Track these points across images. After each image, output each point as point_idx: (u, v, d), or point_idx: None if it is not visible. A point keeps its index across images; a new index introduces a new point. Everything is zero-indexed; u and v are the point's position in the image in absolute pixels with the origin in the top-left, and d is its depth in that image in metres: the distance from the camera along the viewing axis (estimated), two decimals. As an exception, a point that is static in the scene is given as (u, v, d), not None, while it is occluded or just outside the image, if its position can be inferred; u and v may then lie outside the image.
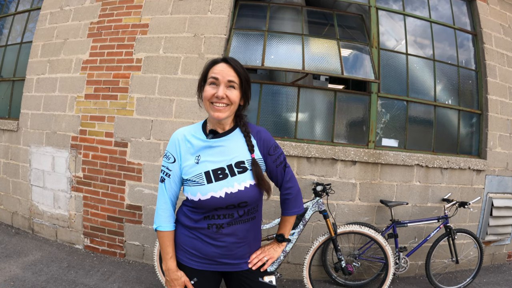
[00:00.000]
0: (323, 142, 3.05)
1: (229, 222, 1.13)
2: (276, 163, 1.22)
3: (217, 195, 1.09)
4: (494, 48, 3.53)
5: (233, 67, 1.10)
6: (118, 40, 3.17)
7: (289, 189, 1.25)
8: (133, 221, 3.04)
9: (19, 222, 3.56)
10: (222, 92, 1.08)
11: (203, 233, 1.14)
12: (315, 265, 2.94)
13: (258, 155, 1.18)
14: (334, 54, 3.01)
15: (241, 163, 1.13)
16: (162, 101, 3.01)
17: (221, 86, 1.08)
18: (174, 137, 1.19)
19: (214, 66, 1.12)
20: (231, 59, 1.12)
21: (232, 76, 1.09)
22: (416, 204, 3.14)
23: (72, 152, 3.23)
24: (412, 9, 3.49)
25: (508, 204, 3.44)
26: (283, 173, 1.24)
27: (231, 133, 1.17)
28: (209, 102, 1.10)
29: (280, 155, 1.24)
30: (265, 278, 1.23)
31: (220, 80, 1.08)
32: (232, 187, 1.10)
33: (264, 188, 1.14)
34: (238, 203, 1.11)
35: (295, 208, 1.27)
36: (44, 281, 2.50)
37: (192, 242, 1.16)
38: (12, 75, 3.87)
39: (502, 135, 3.49)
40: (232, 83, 1.10)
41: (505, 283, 3.08)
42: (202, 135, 1.17)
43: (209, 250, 1.14)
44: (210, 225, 1.13)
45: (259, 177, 1.13)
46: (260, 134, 1.21)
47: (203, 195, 1.09)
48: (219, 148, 1.14)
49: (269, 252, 1.27)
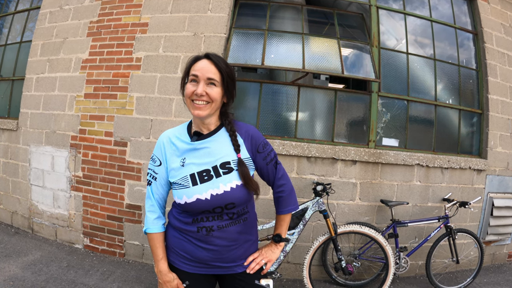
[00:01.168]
0: (323, 142, 3.05)
1: (219, 225, 1.10)
2: (266, 160, 1.18)
3: (203, 197, 1.07)
4: (495, 48, 3.52)
5: (215, 64, 1.07)
6: (117, 39, 3.16)
7: (282, 186, 1.22)
8: (132, 220, 3.03)
9: (19, 222, 3.55)
10: (201, 89, 1.05)
11: (193, 236, 1.12)
12: (315, 265, 2.93)
13: (246, 155, 1.15)
14: (334, 53, 3.00)
15: (226, 164, 1.10)
16: (161, 101, 3.00)
17: (201, 83, 1.05)
18: (159, 140, 1.18)
19: (196, 63, 1.08)
20: (213, 55, 1.09)
21: (212, 73, 1.06)
22: (417, 204, 3.13)
23: (72, 151, 3.22)
24: (412, 8, 3.48)
25: (508, 204, 3.43)
26: (274, 171, 1.21)
27: (216, 133, 1.14)
28: (189, 100, 1.08)
29: (270, 151, 1.20)
30: (261, 281, 1.19)
31: (199, 77, 1.06)
32: (218, 188, 1.07)
33: (252, 188, 1.11)
34: (225, 205, 1.08)
35: (290, 205, 1.24)
36: (44, 280, 2.49)
37: (183, 244, 1.14)
38: (12, 74, 3.86)
39: (503, 134, 3.48)
40: (213, 80, 1.06)
41: (505, 283, 3.08)
42: (187, 138, 1.14)
43: (200, 254, 1.12)
44: (200, 228, 1.10)
45: (245, 176, 1.09)
46: (248, 133, 1.17)
47: (189, 198, 1.07)
48: (204, 150, 1.12)
49: (266, 254, 1.24)
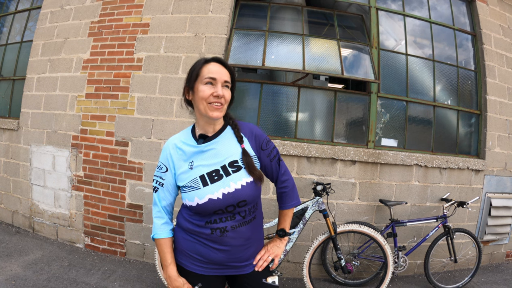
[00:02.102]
0: (323, 142, 3.07)
1: (233, 225, 1.13)
2: (270, 157, 1.23)
3: (215, 197, 1.09)
4: (493, 49, 3.55)
5: (227, 67, 1.14)
6: (118, 40, 3.17)
7: (285, 181, 1.27)
8: (133, 220, 3.05)
9: (20, 221, 3.56)
10: (221, 91, 1.09)
11: (207, 238, 1.13)
12: (315, 264, 2.96)
13: (251, 152, 1.19)
14: (334, 54, 3.02)
15: (234, 162, 1.14)
16: (163, 101, 3.02)
17: (218, 85, 1.10)
18: (165, 147, 1.21)
19: (206, 65, 1.12)
20: (221, 59, 1.15)
21: (227, 76, 1.12)
22: (415, 204, 3.16)
23: (73, 151, 3.23)
24: (411, 9, 3.50)
25: (506, 204, 3.46)
26: (277, 167, 1.26)
27: (221, 134, 1.18)
28: (206, 103, 1.10)
29: (273, 149, 1.25)
30: (268, 279, 1.23)
31: (217, 79, 1.10)
32: (229, 187, 1.11)
33: (256, 177, 1.14)
34: (237, 203, 1.11)
35: (293, 200, 1.29)
36: (45, 280, 2.51)
37: (195, 247, 1.15)
38: (13, 74, 3.87)
39: (501, 135, 3.51)
40: (227, 83, 1.13)
41: (503, 282, 3.11)
42: (193, 141, 1.17)
43: (214, 256, 1.13)
44: (213, 230, 1.12)
45: (250, 165, 1.13)
46: (251, 131, 1.22)
47: (201, 199, 1.10)
48: (211, 151, 1.15)
49: (272, 250, 1.28)
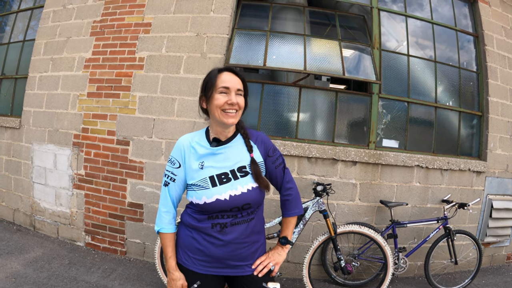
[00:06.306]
0: (324, 142, 3.07)
1: (232, 221, 1.17)
2: (275, 164, 1.28)
3: (222, 198, 1.14)
4: (495, 50, 3.54)
5: (239, 76, 1.20)
6: (120, 39, 3.18)
7: (290, 189, 1.31)
8: (134, 219, 3.05)
9: (21, 219, 3.58)
10: (235, 99, 1.16)
11: (206, 232, 1.17)
12: (314, 265, 2.95)
13: (260, 158, 1.25)
14: (335, 54, 3.02)
15: (243, 168, 1.20)
16: (164, 100, 3.02)
17: (232, 93, 1.16)
18: (179, 143, 1.25)
19: (219, 76, 1.18)
20: (234, 69, 1.22)
21: (239, 85, 1.19)
22: (416, 205, 3.15)
23: (74, 150, 3.24)
24: (413, 10, 3.49)
25: (507, 206, 3.45)
26: (282, 174, 1.30)
27: (233, 140, 1.24)
28: (221, 110, 1.16)
29: (279, 156, 1.30)
30: (269, 284, 1.23)
31: (231, 88, 1.16)
32: (236, 190, 1.16)
33: (263, 185, 1.20)
34: (242, 205, 1.16)
35: (296, 208, 1.32)
36: (46, 277, 2.52)
37: (196, 243, 1.18)
38: (15, 72, 3.89)
39: (503, 137, 3.49)
40: (240, 91, 1.19)
41: (504, 285, 3.10)
42: (206, 143, 1.23)
43: (213, 250, 1.16)
44: (214, 224, 1.16)
45: (257, 174, 1.19)
46: (259, 138, 1.29)
47: (209, 198, 1.14)
48: (222, 155, 1.20)
49: (273, 257, 1.29)
